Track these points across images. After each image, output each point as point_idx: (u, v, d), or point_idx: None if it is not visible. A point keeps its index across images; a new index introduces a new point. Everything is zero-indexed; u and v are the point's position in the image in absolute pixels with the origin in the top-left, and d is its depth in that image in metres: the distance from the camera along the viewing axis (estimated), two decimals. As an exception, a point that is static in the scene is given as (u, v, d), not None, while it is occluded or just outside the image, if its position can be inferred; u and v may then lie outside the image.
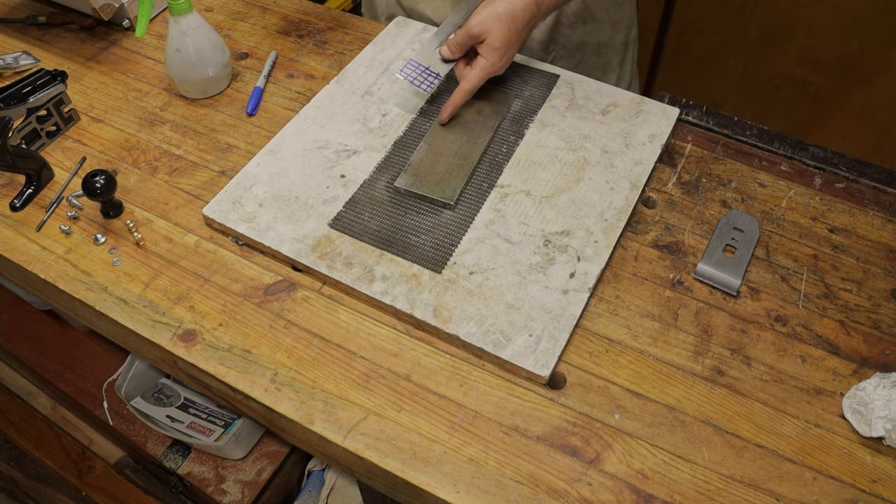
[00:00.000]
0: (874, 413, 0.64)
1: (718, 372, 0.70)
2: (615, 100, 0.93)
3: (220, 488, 1.16)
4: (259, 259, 0.79)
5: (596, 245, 0.78)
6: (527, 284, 0.74)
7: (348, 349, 0.72)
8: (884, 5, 1.56)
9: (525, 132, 0.89)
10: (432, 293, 0.73)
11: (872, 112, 1.75)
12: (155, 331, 0.73)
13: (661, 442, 0.65)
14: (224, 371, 0.70)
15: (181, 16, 0.91)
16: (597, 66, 1.11)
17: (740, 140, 0.92)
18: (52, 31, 1.09)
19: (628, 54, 1.14)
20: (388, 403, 0.68)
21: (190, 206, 0.85)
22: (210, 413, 1.21)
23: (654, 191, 0.86)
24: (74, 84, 1.00)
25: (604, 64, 1.11)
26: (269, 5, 1.14)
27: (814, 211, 0.84)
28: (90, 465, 1.33)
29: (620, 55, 1.13)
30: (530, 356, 0.69)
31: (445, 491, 0.62)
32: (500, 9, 0.81)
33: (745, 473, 0.64)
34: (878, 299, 0.76)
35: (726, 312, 0.75)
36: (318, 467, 1.23)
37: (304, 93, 0.99)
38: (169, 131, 0.93)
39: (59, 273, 0.78)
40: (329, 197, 0.82)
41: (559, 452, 0.65)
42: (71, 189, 0.87)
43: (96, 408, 1.26)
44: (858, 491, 0.63)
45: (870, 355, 0.72)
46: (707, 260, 0.78)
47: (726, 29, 1.77)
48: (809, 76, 1.76)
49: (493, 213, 0.81)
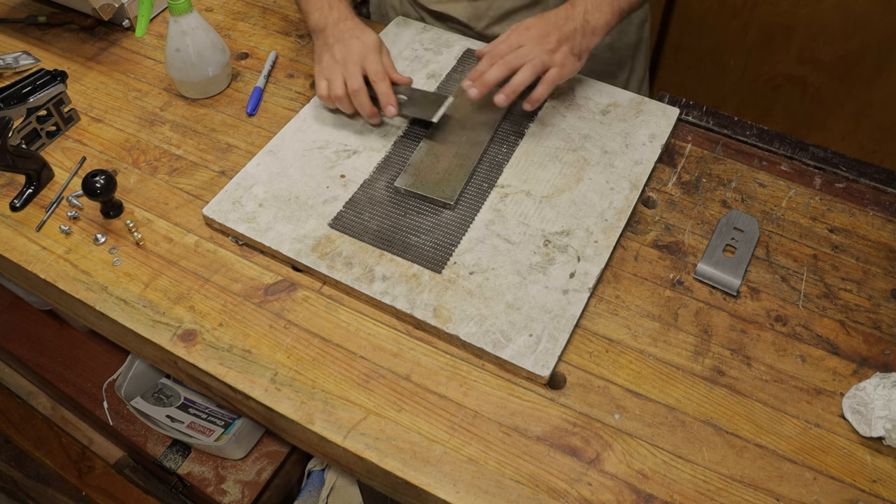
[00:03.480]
0: (874, 413, 0.64)
1: (718, 372, 0.70)
2: (615, 100, 0.93)
3: (220, 488, 1.16)
4: (259, 259, 0.79)
5: (596, 245, 0.78)
6: (527, 284, 0.74)
7: (348, 349, 0.72)
8: (884, 5, 1.56)
9: (525, 132, 0.89)
10: (432, 293, 0.73)
11: (872, 112, 1.75)
12: (155, 331, 0.73)
13: (661, 442, 0.65)
14: (224, 371, 0.70)
15: (181, 16, 0.91)
16: (611, 62, 1.10)
17: (740, 140, 0.92)
18: (52, 31, 1.09)
19: (640, 51, 1.14)
20: (388, 403, 0.68)
21: (190, 206, 0.85)
22: (210, 413, 1.21)
23: (654, 191, 0.86)
24: (74, 84, 1.00)
25: (617, 60, 1.11)
26: (269, 5, 1.14)
27: (814, 211, 0.84)
28: (90, 465, 1.33)
29: (632, 52, 1.12)
30: (530, 356, 0.69)
31: (445, 491, 0.62)
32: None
33: (745, 473, 0.64)
34: (878, 299, 0.76)
35: (726, 312, 0.75)
36: (318, 467, 1.23)
37: (304, 93, 0.99)
38: (169, 131, 0.93)
39: (59, 273, 0.78)
40: (329, 197, 0.82)
41: (559, 452, 0.65)
42: (71, 189, 0.87)
43: (96, 408, 1.26)
44: (858, 491, 0.63)
45: (870, 355, 0.72)
46: (707, 260, 0.78)
47: (726, 29, 1.77)
48: (809, 76, 1.76)
49: (493, 213, 0.81)
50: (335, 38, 0.88)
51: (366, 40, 0.88)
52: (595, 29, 0.83)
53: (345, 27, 0.88)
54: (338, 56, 0.87)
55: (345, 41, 0.87)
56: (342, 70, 0.86)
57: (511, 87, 0.82)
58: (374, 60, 0.86)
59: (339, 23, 0.89)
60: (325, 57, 0.88)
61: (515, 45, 0.83)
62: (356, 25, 0.89)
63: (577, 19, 0.83)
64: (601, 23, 0.83)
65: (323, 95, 0.87)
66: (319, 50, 0.90)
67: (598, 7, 0.83)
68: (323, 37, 0.89)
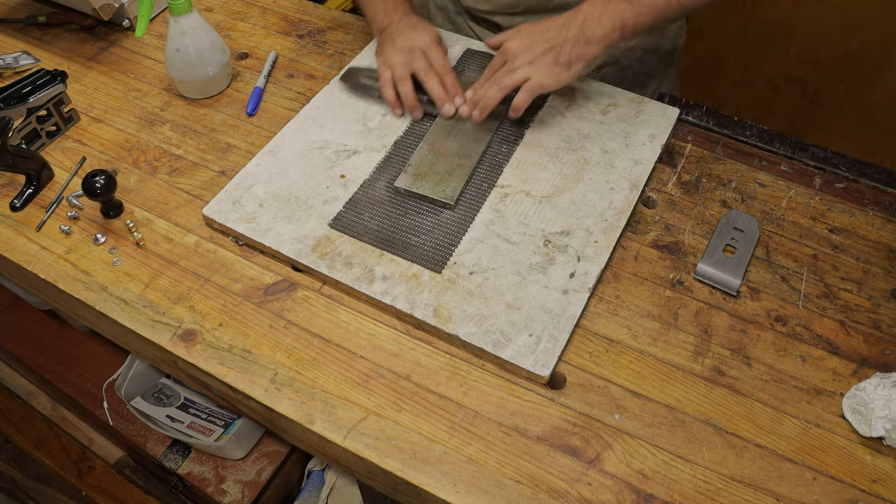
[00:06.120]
0: (874, 413, 0.64)
1: (718, 372, 0.70)
2: (615, 100, 0.93)
3: (220, 488, 1.16)
4: (259, 259, 0.79)
5: (596, 245, 0.78)
6: (527, 284, 0.74)
7: (348, 349, 0.72)
8: (884, 5, 1.56)
9: (525, 132, 0.89)
10: (432, 293, 0.73)
11: (872, 112, 1.75)
12: (155, 331, 0.73)
13: (661, 442, 0.65)
14: (224, 371, 0.70)
15: (181, 16, 0.91)
16: (640, 72, 1.09)
17: (740, 140, 0.92)
18: (52, 31, 1.09)
19: (674, 60, 1.13)
20: (388, 403, 0.68)
21: (190, 206, 0.85)
22: (210, 413, 1.21)
23: (654, 191, 0.86)
24: (74, 84, 1.00)
25: (647, 68, 1.09)
26: (269, 5, 1.14)
27: (814, 211, 0.84)
28: (90, 465, 1.33)
29: (666, 61, 1.11)
30: (530, 356, 0.69)
31: (445, 491, 0.62)
32: None
33: (745, 473, 0.64)
34: (878, 299, 0.76)
35: (726, 312, 0.75)
36: (318, 467, 1.23)
37: (304, 93, 0.99)
38: (169, 131, 0.93)
39: (59, 273, 0.78)
40: (329, 197, 0.82)
41: (559, 452, 0.65)
42: (71, 189, 0.87)
43: (96, 408, 1.26)
44: (858, 491, 0.63)
45: (870, 355, 0.72)
46: (707, 260, 0.78)
47: (726, 29, 1.77)
48: (809, 76, 1.76)
49: (493, 213, 0.81)
50: (398, 32, 0.92)
51: (428, 32, 0.92)
52: (590, 40, 0.81)
53: (408, 22, 0.93)
54: (399, 45, 0.90)
55: (406, 34, 0.91)
56: (405, 57, 0.89)
57: (481, 106, 0.85)
58: (437, 52, 0.90)
59: (402, 19, 0.93)
60: (388, 48, 0.91)
61: (511, 55, 0.84)
62: (419, 21, 0.94)
63: (573, 28, 0.81)
64: (598, 34, 0.81)
65: (386, 80, 0.90)
66: (382, 44, 0.93)
67: (598, 18, 0.81)
68: (388, 32, 0.93)
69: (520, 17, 1.04)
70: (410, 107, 0.90)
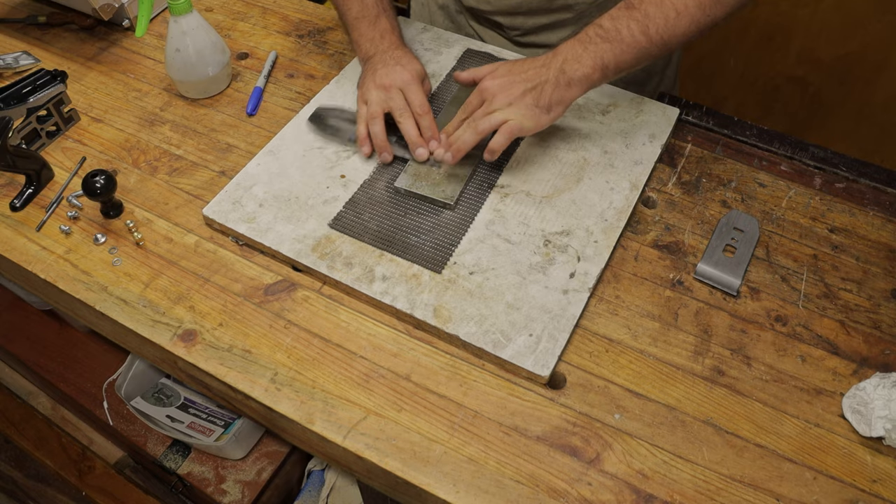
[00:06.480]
0: (874, 413, 0.64)
1: (718, 372, 0.70)
2: (615, 100, 0.93)
3: (220, 488, 1.16)
4: (259, 259, 0.79)
5: (596, 245, 0.78)
6: (527, 284, 0.74)
7: (348, 349, 0.72)
8: (884, 5, 1.56)
9: (525, 132, 0.89)
10: (432, 293, 0.73)
11: (872, 112, 1.75)
12: (155, 331, 0.73)
13: (661, 442, 0.65)
14: (224, 371, 0.70)
15: (181, 16, 0.91)
16: (640, 72, 1.08)
17: (740, 140, 0.92)
18: (52, 31, 1.09)
19: (673, 60, 1.12)
20: (388, 403, 0.68)
21: (190, 206, 0.85)
22: (210, 413, 1.21)
23: (654, 191, 0.86)
24: (74, 84, 1.00)
25: (647, 68, 1.07)
26: (269, 5, 1.14)
27: (814, 211, 0.84)
28: (90, 465, 1.32)
29: (665, 61, 1.11)
30: (530, 356, 0.69)
31: (445, 491, 0.62)
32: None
33: (745, 473, 0.64)
34: (878, 299, 0.76)
35: (726, 312, 0.75)
36: (318, 467, 1.23)
37: (304, 93, 0.99)
38: (169, 131, 0.93)
39: (59, 273, 0.78)
40: (329, 197, 0.82)
41: (559, 452, 0.65)
42: (71, 189, 0.87)
43: (96, 408, 1.26)
44: (858, 491, 0.63)
45: (870, 355, 0.72)
46: (707, 260, 0.78)
47: (726, 29, 1.77)
48: (809, 76, 1.76)
49: (493, 213, 0.81)
50: (382, 64, 0.88)
51: (410, 69, 0.88)
52: (571, 81, 0.78)
53: (392, 55, 0.89)
54: (378, 81, 0.87)
55: (388, 68, 0.87)
56: (382, 94, 0.86)
57: (454, 149, 0.81)
58: (416, 91, 0.86)
59: (387, 51, 0.89)
60: (368, 81, 0.88)
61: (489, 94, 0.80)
62: (404, 55, 0.90)
63: (552, 69, 0.78)
64: (578, 75, 0.77)
65: (360, 116, 0.87)
66: (364, 75, 0.90)
67: (578, 59, 0.78)
68: (371, 63, 0.90)
69: (521, 18, 1.04)
70: (379, 147, 0.85)
